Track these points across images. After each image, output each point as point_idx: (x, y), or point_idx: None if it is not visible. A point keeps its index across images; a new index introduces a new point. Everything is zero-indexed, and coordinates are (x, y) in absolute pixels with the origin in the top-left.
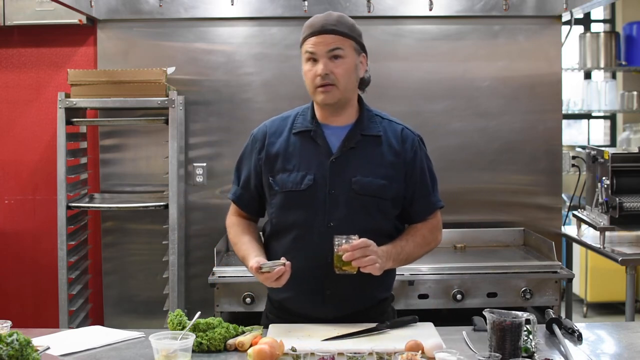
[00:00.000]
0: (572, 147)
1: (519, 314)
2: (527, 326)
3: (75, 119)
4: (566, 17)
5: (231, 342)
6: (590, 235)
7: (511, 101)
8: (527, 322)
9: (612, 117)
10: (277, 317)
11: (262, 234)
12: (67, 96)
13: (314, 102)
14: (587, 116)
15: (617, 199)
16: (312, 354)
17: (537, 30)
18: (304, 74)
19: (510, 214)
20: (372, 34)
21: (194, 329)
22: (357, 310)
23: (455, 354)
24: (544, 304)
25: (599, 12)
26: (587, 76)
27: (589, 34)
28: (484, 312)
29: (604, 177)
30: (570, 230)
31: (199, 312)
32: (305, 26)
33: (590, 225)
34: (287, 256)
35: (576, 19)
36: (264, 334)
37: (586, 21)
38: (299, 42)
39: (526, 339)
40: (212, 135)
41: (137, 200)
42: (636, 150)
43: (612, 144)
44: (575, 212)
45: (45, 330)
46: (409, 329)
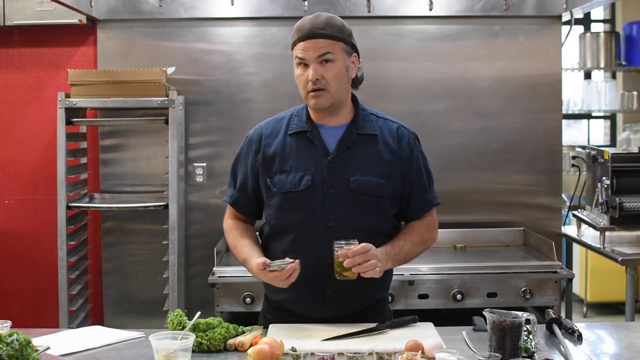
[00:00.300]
0: (572, 147)
1: (519, 314)
2: (527, 326)
3: (75, 119)
4: (566, 17)
5: (231, 342)
6: (590, 235)
7: (511, 101)
8: (527, 322)
9: (612, 117)
10: (275, 317)
11: (260, 236)
12: (67, 96)
13: (307, 105)
14: (587, 116)
15: (617, 199)
16: (312, 354)
17: (537, 30)
18: (296, 78)
19: (510, 214)
20: (372, 34)
21: (194, 329)
22: (357, 310)
23: (455, 354)
24: (544, 304)
25: (599, 12)
26: (587, 76)
27: (589, 34)
28: (484, 312)
29: (604, 177)
30: (570, 230)
31: (199, 312)
32: (294, 29)
33: (590, 225)
34: (287, 257)
35: (576, 19)
36: (264, 334)
37: (586, 21)
38: None
39: (526, 339)
40: (212, 135)
41: (137, 200)
42: (636, 150)
43: (612, 144)
44: (575, 212)
45: (45, 330)
46: (409, 329)
